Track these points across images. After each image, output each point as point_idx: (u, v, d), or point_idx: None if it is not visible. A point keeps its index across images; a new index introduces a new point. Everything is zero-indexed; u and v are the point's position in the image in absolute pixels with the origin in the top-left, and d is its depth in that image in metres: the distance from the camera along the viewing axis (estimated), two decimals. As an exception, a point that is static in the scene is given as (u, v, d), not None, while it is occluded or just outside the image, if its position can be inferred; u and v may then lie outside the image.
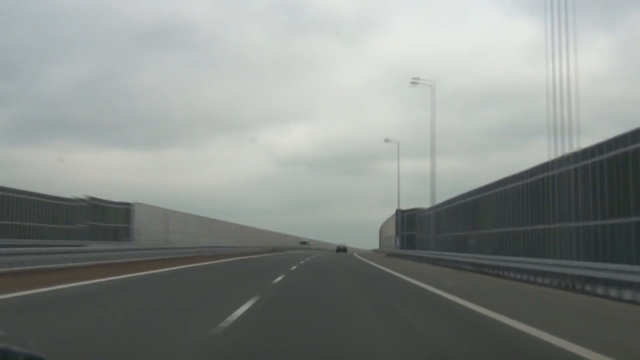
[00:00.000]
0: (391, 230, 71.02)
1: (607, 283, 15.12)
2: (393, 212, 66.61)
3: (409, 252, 51.82)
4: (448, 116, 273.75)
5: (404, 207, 62.85)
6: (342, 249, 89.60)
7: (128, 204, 48.15)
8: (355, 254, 67.35)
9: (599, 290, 15.39)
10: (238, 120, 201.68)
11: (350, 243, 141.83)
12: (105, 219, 46.70)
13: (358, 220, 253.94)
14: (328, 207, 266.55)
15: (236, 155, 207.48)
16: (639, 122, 18.45)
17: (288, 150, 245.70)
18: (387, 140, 58.64)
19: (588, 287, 16.06)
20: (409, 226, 61.28)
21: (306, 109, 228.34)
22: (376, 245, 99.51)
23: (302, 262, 34.40)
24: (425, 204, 52.00)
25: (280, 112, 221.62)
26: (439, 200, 43.66)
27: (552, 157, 23.48)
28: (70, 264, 22.20)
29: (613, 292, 14.70)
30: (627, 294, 13.99)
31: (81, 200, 44.77)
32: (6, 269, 17.87)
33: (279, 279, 18.67)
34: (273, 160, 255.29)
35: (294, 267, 27.15)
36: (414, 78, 43.36)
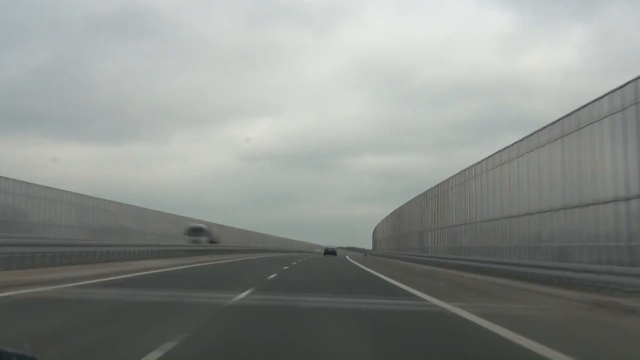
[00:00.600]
0: (388, 231, 69.45)
1: None
2: (370, 210, 65.46)
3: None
4: (416, 110, 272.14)
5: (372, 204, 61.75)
6: (331, 252, 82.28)
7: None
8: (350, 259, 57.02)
9: None
10: (202, 113, 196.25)
11: (323, 242, 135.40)
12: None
13: (324, 217, 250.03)
14: (293, 204, 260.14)
15: (200, 150, 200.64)
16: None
17: (253, 144, 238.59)
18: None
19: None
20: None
21: (273, 102, 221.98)
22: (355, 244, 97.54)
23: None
24: (392, 201, 51.77)
25: (245, 105, 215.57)
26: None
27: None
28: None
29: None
30: None
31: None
32: None
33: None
34: (238, 155, 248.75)
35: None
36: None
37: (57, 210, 39.27)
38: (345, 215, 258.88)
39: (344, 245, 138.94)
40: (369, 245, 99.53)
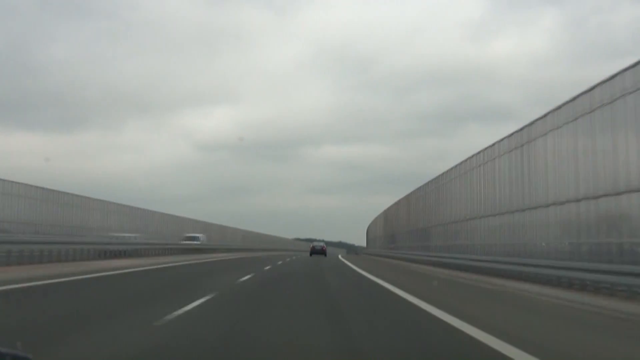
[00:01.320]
0: (379, 230, 71.02)
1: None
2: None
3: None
4: (381, 98, 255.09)
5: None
6: (319, 251, 65.18)
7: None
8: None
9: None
10: (157, 101, 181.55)
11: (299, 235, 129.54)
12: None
13: (281, 209, 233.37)
14: (251, 195, 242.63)
15: (155, 139, 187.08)
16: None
17: (210, 134, 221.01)
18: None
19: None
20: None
21: (230, 90, 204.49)
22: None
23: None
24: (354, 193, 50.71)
25: (202, 93, 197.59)
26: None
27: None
28: None
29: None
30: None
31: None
32: None
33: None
34: (194, 145, 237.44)
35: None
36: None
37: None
38: (305, 207, 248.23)
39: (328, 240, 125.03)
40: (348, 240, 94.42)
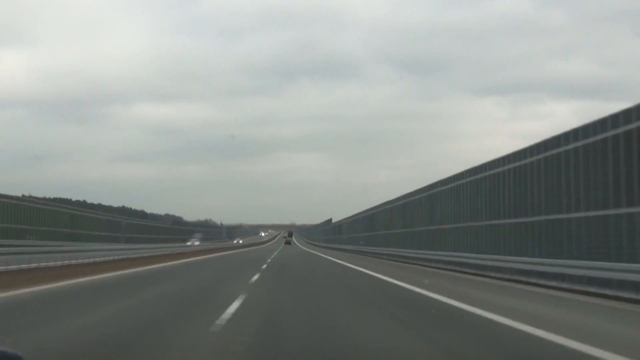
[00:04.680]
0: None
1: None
2: None
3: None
4: (207, 44, 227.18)
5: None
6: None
7: None
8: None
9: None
10: None
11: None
12: None
13: (87, 179, 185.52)
14: (49, 163, 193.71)
15: None
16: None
17: None
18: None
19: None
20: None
21: (21, 28, 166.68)
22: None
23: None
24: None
25: None
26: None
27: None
28: None
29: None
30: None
31: None
32: None
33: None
34: None
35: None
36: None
37: None
38: (111, 176, 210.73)
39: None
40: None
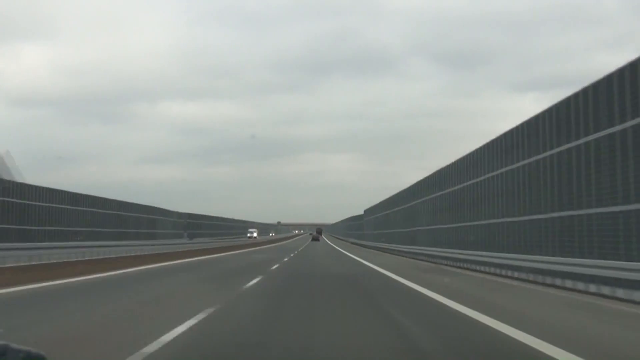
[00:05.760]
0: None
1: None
2: None
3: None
4: (234, 36, 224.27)
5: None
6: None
7: None
8: None
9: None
10: None
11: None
12: None
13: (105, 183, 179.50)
14: (73, 164, 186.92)
15: None
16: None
17: (22, 82, 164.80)
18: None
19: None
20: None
21: (43, 21, 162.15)
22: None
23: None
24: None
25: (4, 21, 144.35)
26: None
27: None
28: None
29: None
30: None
31: None
32: None
33: None
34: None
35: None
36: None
37: None
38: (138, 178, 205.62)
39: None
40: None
